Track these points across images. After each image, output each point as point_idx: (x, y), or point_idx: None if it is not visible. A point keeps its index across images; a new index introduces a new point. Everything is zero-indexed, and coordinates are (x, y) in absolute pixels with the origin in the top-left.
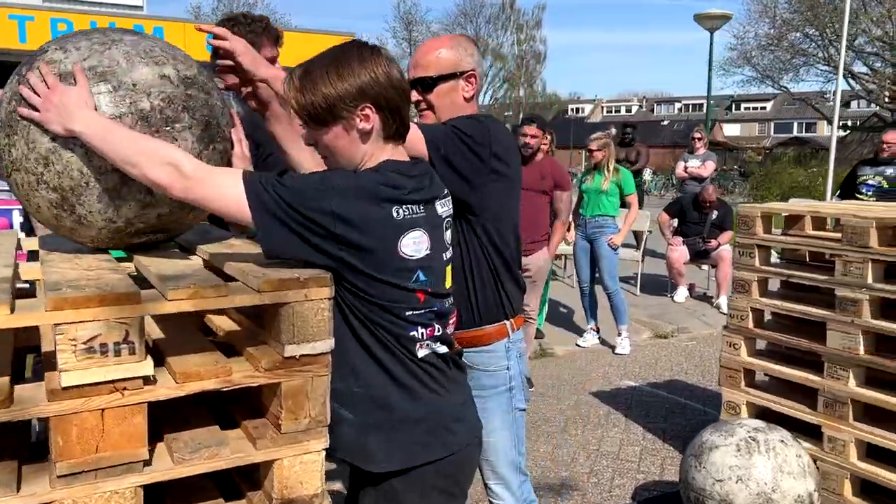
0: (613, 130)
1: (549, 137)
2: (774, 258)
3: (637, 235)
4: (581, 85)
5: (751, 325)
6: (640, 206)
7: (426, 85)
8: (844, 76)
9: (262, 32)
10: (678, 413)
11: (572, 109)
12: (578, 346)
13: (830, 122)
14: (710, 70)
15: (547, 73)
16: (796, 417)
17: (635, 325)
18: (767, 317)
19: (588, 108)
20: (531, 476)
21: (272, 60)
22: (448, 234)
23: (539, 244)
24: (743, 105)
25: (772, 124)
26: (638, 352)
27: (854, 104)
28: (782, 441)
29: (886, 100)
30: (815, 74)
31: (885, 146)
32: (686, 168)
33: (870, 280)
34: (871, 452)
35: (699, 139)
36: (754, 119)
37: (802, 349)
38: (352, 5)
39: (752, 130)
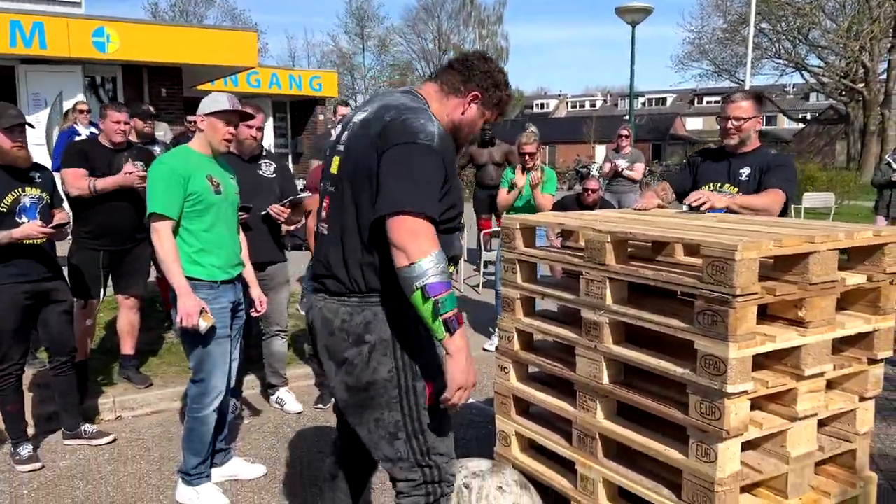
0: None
1: None
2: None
3: None
4: (548, 80)
5: (516, 347)
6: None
7: None
8: (799, 70)
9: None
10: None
11: (537, 105)
12: (485, 349)
13: (788, 115)
14: (632, 64)
15: (514, 69)
16: (557, 453)
17: None
18: (540, 337)
19: (553, 103)
20: None
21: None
22: None
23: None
24: (705, 99)
25: None
26: None
27: (812, 97)
28: (500, 488)
29: (842, 93)
30: (771, 68)
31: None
32: (620, 169)
33: (609, 301)
34: (629, 495)
35: (626, 136)
36: (716, 112)
37: (558, 375)
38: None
39: (714, 124)
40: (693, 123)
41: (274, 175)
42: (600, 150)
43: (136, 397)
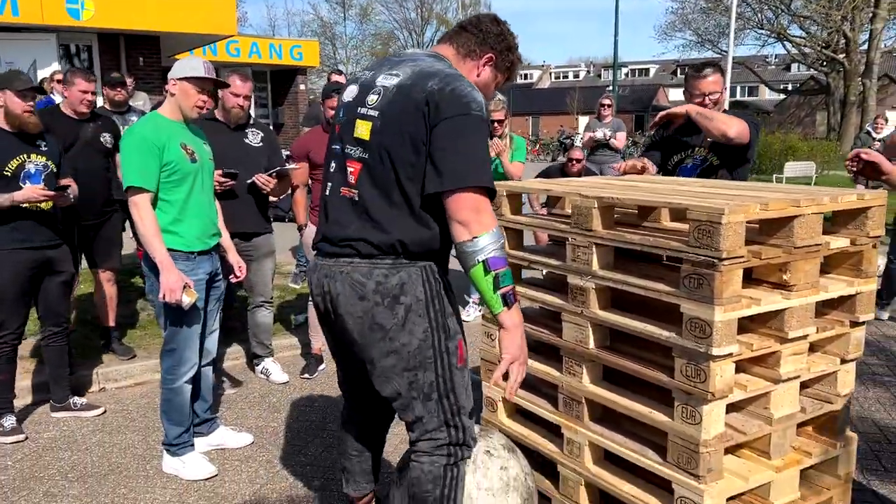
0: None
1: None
2: None
3: None
4: (532, 51)
5: None
6: None
7: None
8: (781, 40)
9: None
10: None
11: (521, 76)
12: (463, 320)
13: (769, 86)
14: (616, 34)
15: None
16: (542, 416)
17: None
18: (526, 304)
19: (536, 74)
20: None
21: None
22: None
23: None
24: (688, 70)
25: None
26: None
27: (794, 68)
28: (487, 452)
29: (823, 63)
30: (753, 38)
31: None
32: (605, 138)
33: (595, 267)
34: (614, 458)
35: (608, 106)
36: None
37: (544, 341)
38: None
39: None
40: (676, 94)
41: (261, 144)
42: (584, 121)
43: (120, 369)
